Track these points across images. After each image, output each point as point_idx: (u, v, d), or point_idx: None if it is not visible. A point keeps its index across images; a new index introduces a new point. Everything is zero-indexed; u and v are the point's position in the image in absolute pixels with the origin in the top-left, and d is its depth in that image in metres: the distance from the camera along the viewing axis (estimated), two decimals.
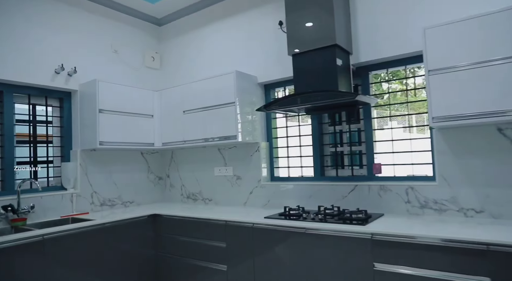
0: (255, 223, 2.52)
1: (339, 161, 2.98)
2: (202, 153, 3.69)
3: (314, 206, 2.78)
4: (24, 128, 3.17)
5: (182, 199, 3.86)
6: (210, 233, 2.78)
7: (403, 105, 2.89)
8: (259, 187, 3.23)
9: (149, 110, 3.60)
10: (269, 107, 2.62)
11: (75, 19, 3.36)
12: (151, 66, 4.03)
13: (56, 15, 3.22)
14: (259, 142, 3.24)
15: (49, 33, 3.15)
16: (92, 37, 3.48)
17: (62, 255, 2.53)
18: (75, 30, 3.35)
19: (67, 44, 3.28)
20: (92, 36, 3.49)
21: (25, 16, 3.00)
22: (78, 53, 3.35)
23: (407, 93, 2.77)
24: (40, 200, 2.99)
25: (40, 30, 3.09)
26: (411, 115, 2.88)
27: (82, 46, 3.40)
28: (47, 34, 3.14)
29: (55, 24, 3.21)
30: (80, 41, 3.39)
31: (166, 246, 3.11)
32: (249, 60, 3.34)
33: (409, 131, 3.01)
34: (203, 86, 3.26)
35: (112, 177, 3.54)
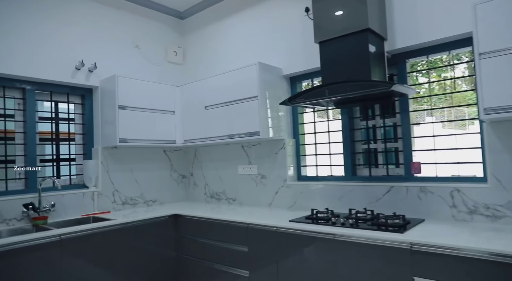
0: (279, 227, 2.32)
1: (372, 159, 2.71)
2: (226, 150, 3.52)
3: (344, 209, 2.53)
4: (47, 126, 3.15)
5: (205, 198, 3.72)
6: (232, 236, 2.61)
7: (440, 98, 2.57)
8: (285, 187, 3.01)
9: (170, 106, 3.48)
10: (294, 100, 2.40)
11: (95, 14, 3.29)
12: (174, 61, 3.92)
13: (76, 10, 3.17)
14: (284, 138, 3.02)
15: (69, 29, 3.10)
16: (112, 32, 3.41)
17: (80, 255, 2.45)
18: (95, 25, 3.28)
19: (87, 40, 3.21)
20: (113, 31, 3.41)
21: (45, 13, 2.96)
22: (98, 48, 3.28)
23: (444, 86, 2.46)
24: (61, 198, 2.95)
25: (60, 26, 3.04)
26: (448, 110, 2.56)
27: (103, 42, 3.33)
28: (67, 29, 3.08)
29: (75, 20, 3.15)
30: (101, 36, 3.31)
31: (187, 247, 2.98)
32: (273, 51, 3.13)
33: (447, 127, 2.70)
34: (224, 80, 3.09)
35: (134, 175, 3.46)
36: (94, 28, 3.27)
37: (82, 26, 3.19)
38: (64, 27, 3.07)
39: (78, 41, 3.15)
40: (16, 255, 2.17)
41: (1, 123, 2.85)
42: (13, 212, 2.70)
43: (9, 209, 2.68)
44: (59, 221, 2.86)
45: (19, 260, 2.18)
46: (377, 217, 2.19)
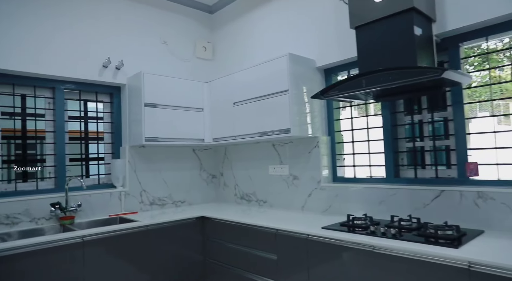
0: (310, 235, 2.08)
1: (418, 159, 2.38)
2: (256, 149, 3.33)
3: (385, 216, 2.24)
4: (77, 125, 3.13)
5: (235, 199, 3.55)
6: (260, 242, 2.41)
7: (495, 91, 2.21)
8: (318, 189, 2.76)
9: (198, 103, 3.35)
10: (327, 93, 2.15)
11: (122, 10, 3.23)
12: (203, 57, 3.78)
13: (103, 6, 3.12)
14: (318, 136, 2.77)
15: (96, 26, 3.05)
16: (140, 28, 3.33)
17: (102, 257, 2.37)
18: (122, 21, 3.22)
19: (114, 37, 3.16)
20: (140, 27, 3.34)
21: (71, 11, 2.93)
22: (125, 45, 3.22)
23: (499, 79, 2.09)
24: (88, 198, 2.91)
25: (86, 23, 3.00)
26: (505, 104, 2.19)
27: (130, 38, 3.26)
28: (94, 27, 3.04)
29: (102, 16, 3.10)
30: (128, 33, 3.25)
31: (214, 251, 2.82)
32: (306, 42, 2.88)
33: (504, 123, 2.32)
34: (253, 74, 2.89)
35: (162, 175, 3.37)
36: (121, 25, 3.21)
37: (109, 22, 3.14)
38: (91, 24, 3.03)
39: (105, 38, 3.10)
40: (38, 256, 2.13)
41: (32, 122, 2.86)
42: (42, 211, 2.69)
43: (39, 208, 2.67)
44: (85, 221, 2.82)
45: (41, 261, 2.14)
46: (425, 227, 1.88)
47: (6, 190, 2.71)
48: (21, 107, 2.84)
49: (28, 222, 2.62)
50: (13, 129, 2.78)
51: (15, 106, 2.80)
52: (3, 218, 2.53)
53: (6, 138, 2.75)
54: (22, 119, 2.83)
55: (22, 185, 2.79)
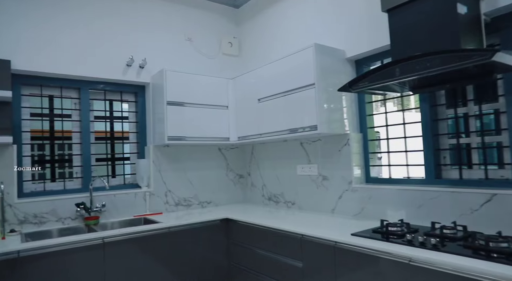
0: (338, 242, 1.88)
1: (463, 158, 2.10)
2: (284, 148, 3.16)
3: (425, 222, 1.99)
4: (103, 125, 3.13)
5: (263, 201, 3.40)
6: (285, 247, 2.24)
7: None
8: (350, 190, 2.54)
9: (223, 101, 3.23)
10: (356, 85, 1.93)
11: (145, 7, 3.18)
12: (229, 53, 3.67)
13: (125, 4, 3.08)
14: (349, 133, 2.55)
15: (118, 24, 3.02)
16: (163, 26, 3.27)
17: (123, 259, 2.32)
18: (145, 19, 3.17)
19: (137, 35, 3.12)
20: (164, 24, 3.28)
21: (93, 10, 2.92)
22: (149, 43, 3.17)
23: None
24: (113, 198, 2.89)
25: (109, 21, 2.98)
26: None
27: (153, 36, 3.21)
28: (117, 25, 3.02)
29: (125, 14, 3.07)
30: (151, 30, 3.20)
31: (238, 255, 2.69)
32: (334, 31, 2.66)
33: None
34: (277, 68, 2.72)
35: (187, 175, 3.29)
36: (144, 22, 3.16)
37: (133, 20, 3.10)
38: (114, 23, 3.01)
39: (129, 37, 3.07)
40: (59, 256, 2.11)
41: (59, 123, 2.89)
42: (68, 211, 2.70)
43: (65, 208, 2.69)
44: (110, 221, 2.80)
45: (63, 261, 2.12)
46: (473, 237, 1.62)
47: (36, 189, 2.75)
48: (49, 108, 2.87)
49: (55, 221, 2.64)
50: (41, 130, 2.82)
51: (43, 107, 2.83)
52: (31, 217, 2.56)
53: (35, 138, 2.79)
54: (50, 119, 2.87)
55: (51, 185, 2.82)
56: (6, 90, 2.40)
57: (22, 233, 2.43)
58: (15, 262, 2.00)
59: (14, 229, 2.45)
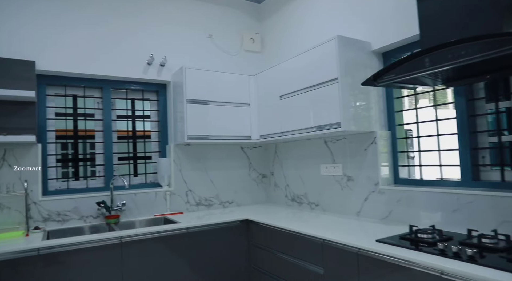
0: (362, 249, 1.74)
1: (506, 158, 1.88)
2: (307, 146, 3.02)
3: (460, 229, 1.80)
4: (126, 123, 3.14)
5: (286, 201, 3.28)
6: (306, 252, 2.12)
7: None
8: (376, 192, 2.37)
9: (245, 98, 3.14)
10: (381, 78, 1.78)
11: (164, 5, 3.16)
12: (251, 49, 3.58)
13: (145, 2, 3.07)
14: (375, 131, 2.37)
15: (138, 22, 3.02)
16: (184, 23, 3.23)
17: (140, 259, 2.30)
18: (165, 16, 3.15)
19: (157, 33, 3.10)
20: (184, 21, 3.24)
21: (113, 9, 2.93)
22: (169, 41, 3.14)
23: None
24: (134, 197, 2.89)
25: (129, 20, 2.98)
26: None
27: (174, 33, 3.18)
28: (136, 23, 3.01)
29: (144, 12, 3.05)
30: (171, 28, 3.17)
31: (258, 258, 2.59)
32: (360, 22, 2.50)
33: None
34: (299, 63, 2.60)
35: (208, 174, 3.24)
36: (164, 20, 3.14)
37: (153, 18, 3.08)
38: (134, 21, 3.00)
39: (149, 35, 3.06)
40: (78, 254, 2.12)
41: (83, 122, 2.93)
42: (90, 210, 2.72)
43: (87, 206, 2.71)
44: (130, 220, 2.80)
45: (81, 260, 2.13)
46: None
47: (60, 188, 2.80)
48: (72, 108, 2.91)
49: (77, 219, 2.67)
50: (65, 129, 2.86)
51: (67, 107, 2.88)
52: (55, 215, 2.60)
53: (60, 138, 2.83)
54: (73, 119, 2.91)
55: (74, 183, 2.86)
56: (30, 90, 2.45)
57: (46, 231, 2.47)
58: (36, 259, 2.02)
59: (38, 226, 2.50)
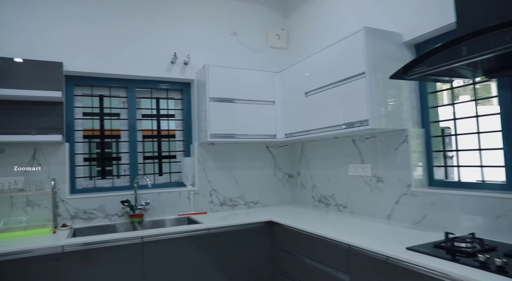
0: (390, 257, 1.59)
1: None
2: (334, 145, 2.88)
3: (504, 238, 1.61)
4: (151, 123, 3.15)
5: (313, 202, 3.16)
6: (331, 257, 2.00)
7: None
8: (408, 194, 2.19)
9: (269, 96, 3.05)
10: (411, 71, 1.62)
11: (186, 2, 3.12)
12: (277, 46, 3.48)
13: (166, 0, 3.06)
14: (407, 128, 2.20)
15: (161, 21, 3.01)
16: (207, 20, 3.19)
17: (161, 259, 2.27)
18: (188, 14, 3.12)
19: (180, 31, 3.08)
20: (207, 18, 3.20)
21: (136, 7, 2.93)
22: (192, 39, 3.12)
23: None
24: (158, 196, 2.88)
25: (152, 18, 2.98)
26: None
27: (197, 31, 3.14)
28: (159, 22, 3.00)
29: (166, 10, 3.04)
30: (195, 26, 3.14)
31: (283, 261, 2.50)
32: (391, 12, 2.32)
33: None
34: (324, 58, 2.47)
35: (233, 174, 3.18)
36: (187, 17, 3.11)
37: (174, 15, 3.07)
38: (157, 20, 3.00)
39: (172, 33, 3.04)
40: (100, 253, 2.13)
41: (109, 121, 2.97)
42: (115, 208, 2.74)
43: (112, 205, 2.74)
44: (154, 220, 2.80)
45: (103, 258, 2.14)
46: None
47: (88, 186, 2.85)
48: (99, 107, 2.95)
49: (102, 218, 2.70)
50: (92, 129, 2.91)
51: (94, 107, 2.92)
52: (82, 213, 2.65)
53: (87, 137, 2.89)
54: (100, 118, 2.95)
55: (101, 182, 2.90)
56: (57, 91, 2.50)
57: (72, 228, 2.51)
58: (60, 256, 2.05)
59: (66, 224, 2.55)
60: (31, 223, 2.47)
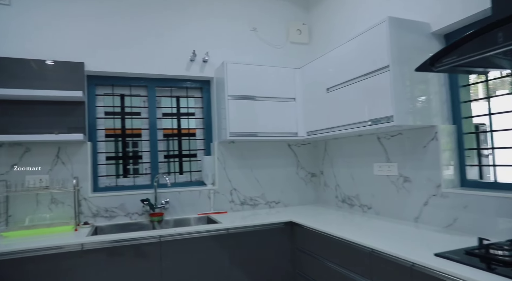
0: (416, 263, 1.47)
1: None
2: (359, 143, 2.75)
3: None
4: (171, 121, 3.15)
5: (336, 202, 3.04)
6: (353, 262, 1.89)
7: None
8: (438, 195, 2.05)
9: (290, 93, 2.97)
10: (440, 62, 1.49)
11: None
12: (298, 41, 3.38)
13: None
14: (437, 125, 2.05)
15: (179, 18, 2.99)
16: (225, 16, 3.14)
17: (178, 258, 2.25)
18: (207, 10, 3.09)
19: (199, 28, 3.05)
20: (226, 14, 3.15)
21: (154, 5, 2.93)
22: (211, 36, 3.08)
23: None
24: (178, 195, 2.87)
25: (170, 16, 2.97)
26: None
27: (216, 28, 3.10)
28: (177, 19, 2.99)
29: (185, 8, 3.02)
30: (213, 22, 3.10)
31: (304, 264, 2.41)
32: (418, 2, 2.17)
33: None
34: (346, 52, 2.35)
35: (253, 172, 3.12)
36: (206, 14, 3.08)
37: (194, 13, 3.04)
38: (176, 17, 2.98)
39: (190, 31, 3.02)
40: (118, 251, 2.14)
41: (130, 120, 2.99)
42: (136, 207, 2.76)
43: (133, 204, 2.75)
44: (174, 218, 2.79)
45: (121, 257, 2.14)
46: None
47: (110, 184, 2.88)
48: (120, 107, 2.98)
49: (123, 216, 2.72)
50: (113, 128, 2.94)
51: (115, 106, 2.95)
52: (103, 211, 2.68)
53: (109, 136, 2.92)
54: (121, 118, 2.97)
55: (123, 180, 2.93)
56: (78, 90, 2.54)
57: (94, 226, 2.54)
58: (79, 254, 2.06)
59: (88, 221, 2.58)
60: (55, 220, 2.52)
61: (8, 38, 2.53)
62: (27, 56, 2.53)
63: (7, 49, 2.51)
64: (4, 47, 2.51)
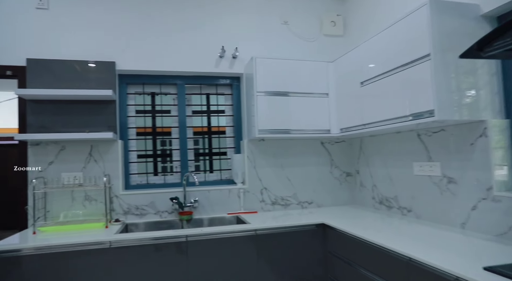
0: (461, 278, 1.29)
1: None
2: (397, 141, 2.55)
3: None
4: (203, 119, 3.12)
5: (373, 204, 2.85)
6: (389, 270, 1.73)
7: None
8: (489, 199, 1.81)
9: (322, 88, 2.81)
10: (489, 47, 1.29)
11: None
12: (332, 33, 3.21)
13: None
14: (486, 120, 1.82)
15: (208, 14, 2.94)
16: (255, 10, 3.05)
17: (205, 259, 2.20)
18: (235, 4, 3.01)
19: (228, 23, 2.98)
20: (256, 8, 3.05)
21: (183, 1, 2.90)
22: (241, 31, 3.00)
23: None
24: (207, 194, 2.83)
25: (198, 11, 2.93)
26: None
27: (245, 23, 3.02)
28: (206, 15, 2.94)
29: (214, 2, 2.96)
30: (243, 17, 3.01)
31: (336, 269, 2.27)
32: None
33: None
34: (382, 42, 2.16)
35: (285, 171, 3.01)
36: (234, 9, 3.00)
37: (222, 8, 2.98)
38: (204, 12, 2.94)
39: (220, 26, 2.96)
40: (145, 250, 2.13)
41: (161, 119, 2.99)
42: (165, 205, 2.75)
43: (162, 202, 2.75)
44: (203, 218, 2.76)
45: (148, 255, 2.13)
46: None
47: (141, 182, 2.91)
48: (151, 105, 2.99)
49: (153, 214, 2.73)
50: (144, 126, 2.96)
51: (145, 104, 2.97)
52: (134, 208, 2.70)
53: (140, 134, 2.94)
54: (152, 116, 2.99)
55: (154, 178, 2.94)
56: (108, 89, 2.57)
57: (124, 223, 2.57)
58: (107, 251, 2.08)
59: (119, 219, 2.62)
60: (87, 217, 2.58)
61: (45, 40, 2.62)
62: (61, 57, 2.61)
63: (45, 50, 2.60)
64: (41, 49, 2.60)
